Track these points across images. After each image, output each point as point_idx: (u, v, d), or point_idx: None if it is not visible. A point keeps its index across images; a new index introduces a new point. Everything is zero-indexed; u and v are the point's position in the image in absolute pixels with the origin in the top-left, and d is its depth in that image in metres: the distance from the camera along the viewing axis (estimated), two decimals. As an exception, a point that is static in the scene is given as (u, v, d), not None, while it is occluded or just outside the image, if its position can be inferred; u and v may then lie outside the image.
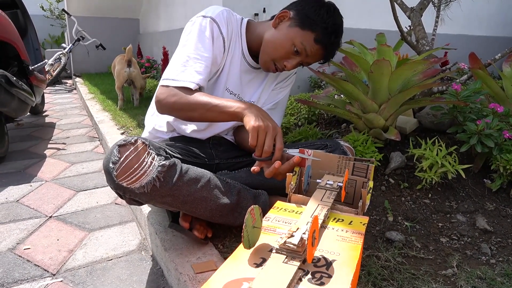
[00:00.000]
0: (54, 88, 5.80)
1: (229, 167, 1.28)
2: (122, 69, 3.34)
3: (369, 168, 0.95)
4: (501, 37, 5.54)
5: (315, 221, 0.65)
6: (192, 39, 1.13)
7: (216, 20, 1.15)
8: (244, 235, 0.64)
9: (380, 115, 1.48)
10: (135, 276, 1.18)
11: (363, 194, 0.81)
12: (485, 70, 1.61)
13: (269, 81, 1.34)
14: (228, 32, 1.18)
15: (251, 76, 1.30)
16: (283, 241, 0.64)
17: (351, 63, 1.68)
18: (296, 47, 1.12)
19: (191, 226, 1.15)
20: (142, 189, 0.93)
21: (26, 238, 1.39)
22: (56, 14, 8.81)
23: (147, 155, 0.95)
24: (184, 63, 1.10)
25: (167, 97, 1.06)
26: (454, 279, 1.01)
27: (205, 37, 1.13)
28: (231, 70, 1.24)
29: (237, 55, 1.24)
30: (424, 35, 1.93)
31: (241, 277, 0.61)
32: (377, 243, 1.17)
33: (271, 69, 1.19)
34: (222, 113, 1.01)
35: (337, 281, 0.60)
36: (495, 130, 1.38)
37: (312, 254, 0.64)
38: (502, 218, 1.31)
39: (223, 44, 1.17)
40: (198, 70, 1.10)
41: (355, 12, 4.10)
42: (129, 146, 0.95)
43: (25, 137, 2.86)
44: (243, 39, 1.23)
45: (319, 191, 0.88)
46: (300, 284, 0.59)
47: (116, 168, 0.92)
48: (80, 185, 1.91)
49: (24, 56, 2.55)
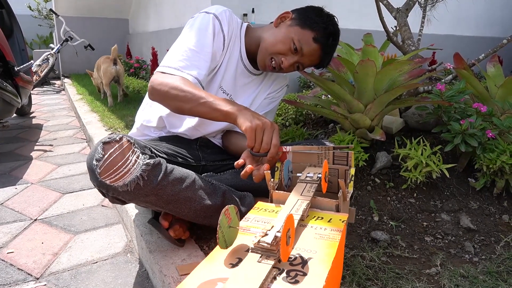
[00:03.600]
0: (42, 89, 5.74)
1: (215, 170, 1.28)
2: (109, 67, 3.54)
3: (349, 155, 0.95)
4: (488, 37, 5.62)
5: (289, 219, 0.65)
6: (194, 32, 1.14)
7: (219, 17, 1.17)
8: (219, 236, 0.63)
9: (366, 115, 1.49)
10: (120, 278, 1.17)
11: (341, 185, 0.81)
12: (469, 70, 1.62)
13: (263, 89, 1.36)
14: (229, 31, 1.20)
15: (247, 80, 1.31)
16: (257, 240, 0.63)
17: (337, 63, 1.68)
18: (295, 45, 1.15)
19: (170, 226, 1.13)
20: (126, 187, 0.92)
21: (10, 241, 1.37)
22: (44, 14, 8.71)
23: (132, 153, 0.94)
24: (184, 53, 1.11)
25: (162, 83, 1.06)
26: (437, 278, 1.02)
27: (207, 33, 1.15)
28: (228, 69, 1.25)
29: (235, 56, 1.25)
30: (410, 36, 1.94)
31: (216, 277, 0.60)
32: (362, 243, 1.17)
33: (268, 65, 1.20)
34: (215, 111, 1.00)
35: (311, 279, 0.59)
36: (479, 129, 1.39)
37: (288, 253, 0.64)
38: (486, 217, 1.33)
39: (223, 41, 1.19)
40: (197, 64, 1.11)
41: (343, 12, 4.12)
42: (114, 144, 0.93)
43: (11, 139, 2.82)
44: (242, 42, 1.25)
45: (300, 185, 0.87)
46: (274, 283, 0.58)
47: (100, 165, 0.91)
48: (66, 187, 1.89)
49: (10, 56, 2.52)
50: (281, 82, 1.42)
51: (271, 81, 1.39)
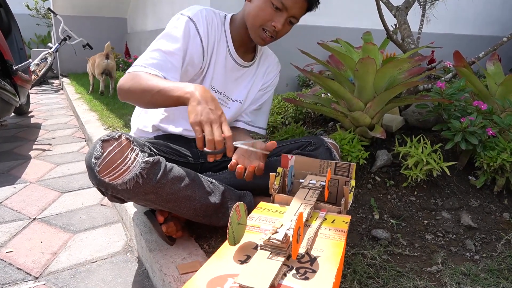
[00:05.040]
0: (40, 88, 5.72)
1: (214, 167, 1.27)
2: (102, 61, 4.16)
3: (350, 167, 0.95)
4: (486, 36, 5.62)
5: (300, 218, 0.65)
6: (165, 36, 1.13)
7: (194, 19, 1.14)
8: (229, 232, 0.64)
9: (366, 113, 1.49)
10: (120, 278, 1.17)
11: (345, 192, 0.81)
12: (469, 68, 1.62)
13: (257, 80, 1.34)
14: (208, 31, 1.17)
15: (239, 74, 1.29)
16: (268, 237, 0.64)
17: (337, 61, 1.68)
18: (274, 4, 1.09)
19: (165, 222, 1.11)
20: (125, 185, 0.91)
21: (9, 241, 1.36)
22: (42, 13, 8.68)
23: (131, 151, 0.93)
24: (152, 55, 1.09)
25: (125, 82, 1.05)
26: (438, 275, 1.02)
27: (177, 36, 1.12)
28: (216, 69, 1.23)
29: (222, 54, 1.23)
30: (409, 34, 1.94)
31: (226, 273, 0.61)
32: (363, 241, 1.17)
33: (264, 38, 1.15)
34: (168, 98, 0.97)
35: (321, 276, 0.60)
36: (479, 127, 1.39)
37: (297, 250, 0.65)
38: (486, 215, 1.33)
39: (200, 44, 1.16)
40: (163, 65, 1.08)
41: (343, 11, 4.11)
42: (113, 142, 0.93)
43: (10, 138, 2.81)
44: (228, 37, 1.23)
45: (302, 190, 0.88)
46: (284, 279, 0.59)
47: (99, 163, 0.91)
48: (65, 186, 1.88)
49: (8, 55, 2.51)
50: (274, 70, 1.38)
51: (263, 70, 1.35)
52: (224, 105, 1.29)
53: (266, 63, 1.36)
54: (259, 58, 1.33)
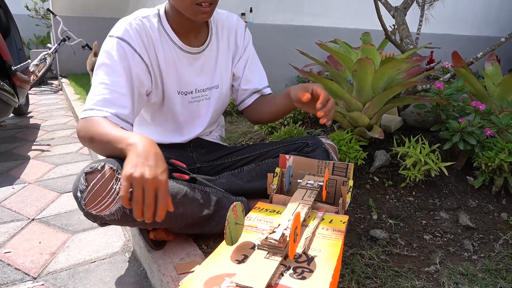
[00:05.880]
0: (39, 88, 5.72)
1: (211, 170, 1.25)
2: (91, 58, 4.51)
3: (348, 167, 0.95)
4: (484, 37, 5.64)
5: (297, 217, 0.66)
6: (102, 66, 1.05)
7: (124, 38, 1.06)
8: (226, 232, 0.65)
9: (364, 113, 1.49)
10: (118, 278, 1.17)
11: (343, 192, 0.81)
12: (467, 68, 1.63)
13: (223, 57, 1.24)
14: (144, 43, 1.09)
15: (199, 62, 1.19)
16: (265, 237, 0.64)
17: (336, 62, 1.68)
18: None
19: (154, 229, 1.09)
20: (112, 216, 0.91)
21: (7, 241, 1.36)
22: (41, 14, 8.68)
23: (116, 181, 0.89)
24: (96, 88, 1.02)
25: (79, 131, 0.99)
26: (436, 275, 1.02)
27: (112, 62, 1.04)
28: (171, 74, 1.15)
29: (170, 55, 1.13)
30: (408, 34, 1.94)
31: (223, 272, 0.61)
32: (361, 241, 1.17)
33: (201, 11, 1.02)
34: (117, 150, 0.89)
35: (318, 276, 0.60)
36: (477, 127, 1.39)
37: (294, 250, 0.65)
38: (484, 215, 1.33)
39: (141, 61, 1.08)
40: (111, 98, 1.00)
41: (341, 12, 4.12)
42: (96, 174, 0.89)
43: (9, 139, 2.81)
44: (169, 32, 1.13)
45: (300, 190, 0.88)
46: (281, 279, 0.60)
47: (84, 197, 0.89)
48: (64, 187, 1.88)
49: (7, 56, 2.51)
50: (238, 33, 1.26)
51: (225, 43, 1.24)
52: (203, 99, 1.23)
53: (224, 33, 1.24)
54: (215, 33, 1.22)
